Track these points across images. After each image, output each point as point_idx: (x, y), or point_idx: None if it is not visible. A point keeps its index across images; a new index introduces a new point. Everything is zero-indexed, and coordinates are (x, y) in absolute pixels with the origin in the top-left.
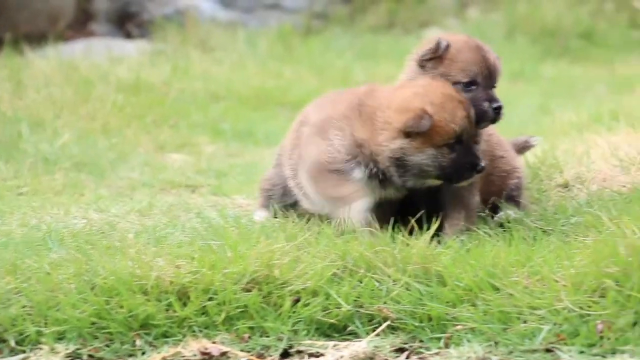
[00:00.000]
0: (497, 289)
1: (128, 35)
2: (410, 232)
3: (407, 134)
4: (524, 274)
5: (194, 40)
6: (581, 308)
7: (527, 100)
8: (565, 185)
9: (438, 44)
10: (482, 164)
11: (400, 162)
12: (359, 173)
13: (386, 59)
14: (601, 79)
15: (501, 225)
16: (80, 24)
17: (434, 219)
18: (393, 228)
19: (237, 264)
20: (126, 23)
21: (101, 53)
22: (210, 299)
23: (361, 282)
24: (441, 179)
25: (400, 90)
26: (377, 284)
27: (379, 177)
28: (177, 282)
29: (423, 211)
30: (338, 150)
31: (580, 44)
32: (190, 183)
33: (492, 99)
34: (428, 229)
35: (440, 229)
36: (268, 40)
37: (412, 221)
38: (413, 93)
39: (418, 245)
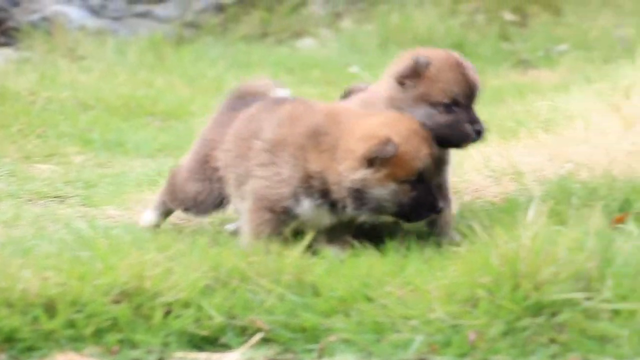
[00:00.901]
0: (370, 300)
1: None
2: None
3: (370, 162)
4: (398, 285)
5: (62, 48)
6: (454, 318)
7: None
8: None
9: (417, 62)
10: (441, 204)
11: (358, 194)
12: (307, 204)
13: (259, 68)
14: None
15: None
16: None
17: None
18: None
19: (106, 275)
20: None
21: None
22: (78, 311)
23: (234, 293)
24: (397, 217)
25: (366, 118)
26: (250, 295)
27: (329, 205)
28: (43, 294)
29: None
30: (287, 183)
31: None
32: (58, 194)
33: (474, 121)
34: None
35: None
36: (139, 49)
37: (287, 232)
38: (380, 122)
39: (292, 256)
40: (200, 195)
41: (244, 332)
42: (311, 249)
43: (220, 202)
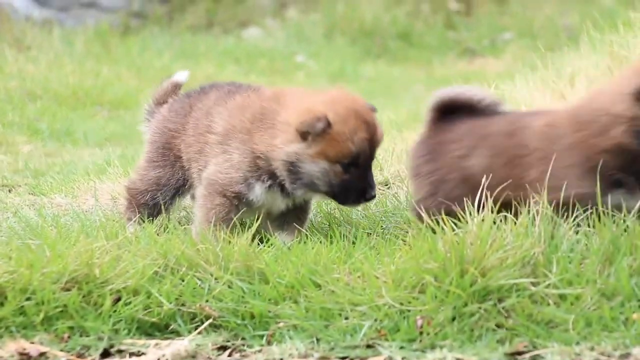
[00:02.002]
0: (318, 286)
1: None
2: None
3: (303, 136)
4: (346, 271)
5: (8, 39)
6: (401, 304)
7: None
8: (386, 183)
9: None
10: (373, 192)
11: (293, 168)
12: (258, 188)
13: (206, 58)
14: (419, 79)
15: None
16: None
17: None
18: None
19: (56, 263)
20: None
21: None
22: (28, 299)
23: (183, 281)
24: (329, 196)
25: (310, 97)
26: (199, 282)
27: (280, 187)
28: None
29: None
30: (237, 168)
31: (399, 44)
32: (6, 183)
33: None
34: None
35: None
36: (85, 39)
37: (234, 220)
38: (321, 100)
39: (240, 243)
40: (162, 179)
41: (193, 319)
42: (259, 236)
43: (183, 185)
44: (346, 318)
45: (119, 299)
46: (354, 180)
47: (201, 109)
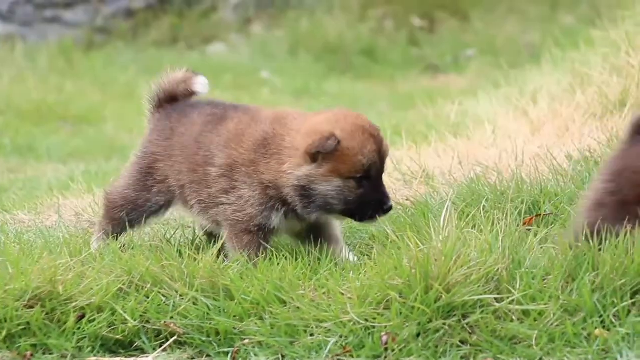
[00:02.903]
0: (284, 303)
1: None
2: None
3: (313, 158)
4: (311, 287)
5: None
6: (366, 320)
7: None
8: None
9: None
10: (390, 203)
11: (305, 192)
12: (274, 217)
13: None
14: (383, 95)
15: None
16: None
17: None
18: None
19: (18, 280)
20: None
21: None
22: None
23: (148, 297)
24: (346, 215)
25: (313, 117)
26: (163, 298)
27: (294, 213)
28: None
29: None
30: (250, 203)
31: (363, 61)
32: None
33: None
34: None
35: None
36: (49, 55)
37: (200, 234)
38: (325, 119)
39: (205, 260)
40: (139, 201)
41: (158, 336)
42: (224, 252)
43: (159, 210)
44: (311, 334)
45: (83, 316)
46: (369, 194)
47: (185, 134)
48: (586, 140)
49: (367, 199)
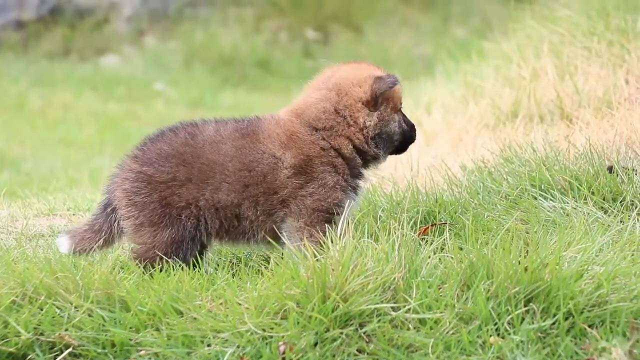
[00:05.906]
0: (181, 313)
1: None
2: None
3: (374, 104)
4: (208, 298)
5: None
6: (264, 330)
7: None
8: None
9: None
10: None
11: (379, 138)
12: (349, 194)
13: (63, 85)
14: (278, 107)
15: None
16: None
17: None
18: None
19: None
20: None
21: None
22: None
23: (42, 310)
24: (394, 151)
25: (349, 72)
26: (58, 310)
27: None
28: None
29: None
30: (333, 189)
31: (258, 72)
32: None
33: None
34: None
35: None
36: None
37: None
38: (348, 72)
39: (100, 271)
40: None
41: (52, 348)
42: (120, 263)
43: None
44: (208, 345)
45: None
46: (408, 122)
47: (218, 154)
48: (479, 151)
49: (410, 125)
